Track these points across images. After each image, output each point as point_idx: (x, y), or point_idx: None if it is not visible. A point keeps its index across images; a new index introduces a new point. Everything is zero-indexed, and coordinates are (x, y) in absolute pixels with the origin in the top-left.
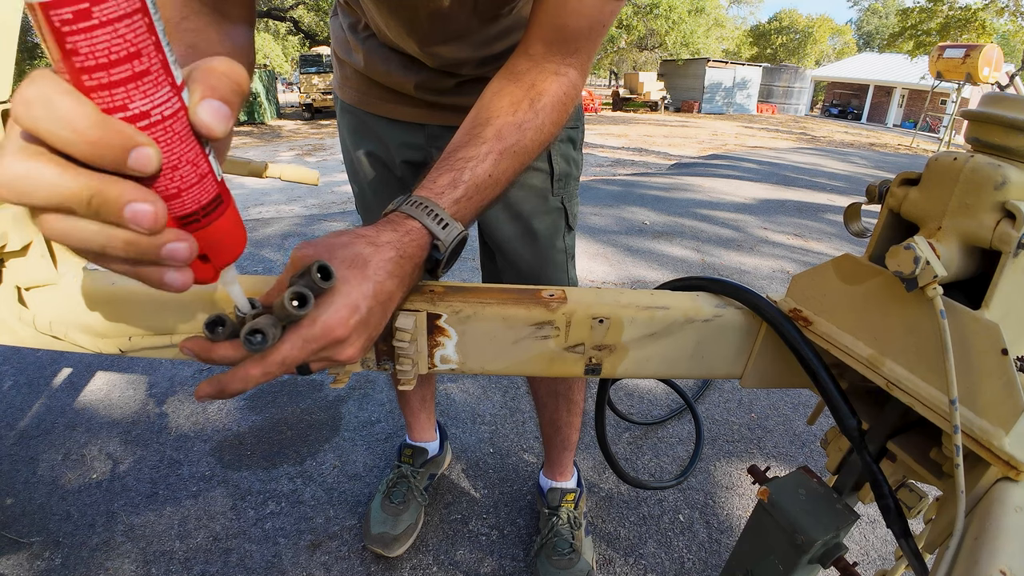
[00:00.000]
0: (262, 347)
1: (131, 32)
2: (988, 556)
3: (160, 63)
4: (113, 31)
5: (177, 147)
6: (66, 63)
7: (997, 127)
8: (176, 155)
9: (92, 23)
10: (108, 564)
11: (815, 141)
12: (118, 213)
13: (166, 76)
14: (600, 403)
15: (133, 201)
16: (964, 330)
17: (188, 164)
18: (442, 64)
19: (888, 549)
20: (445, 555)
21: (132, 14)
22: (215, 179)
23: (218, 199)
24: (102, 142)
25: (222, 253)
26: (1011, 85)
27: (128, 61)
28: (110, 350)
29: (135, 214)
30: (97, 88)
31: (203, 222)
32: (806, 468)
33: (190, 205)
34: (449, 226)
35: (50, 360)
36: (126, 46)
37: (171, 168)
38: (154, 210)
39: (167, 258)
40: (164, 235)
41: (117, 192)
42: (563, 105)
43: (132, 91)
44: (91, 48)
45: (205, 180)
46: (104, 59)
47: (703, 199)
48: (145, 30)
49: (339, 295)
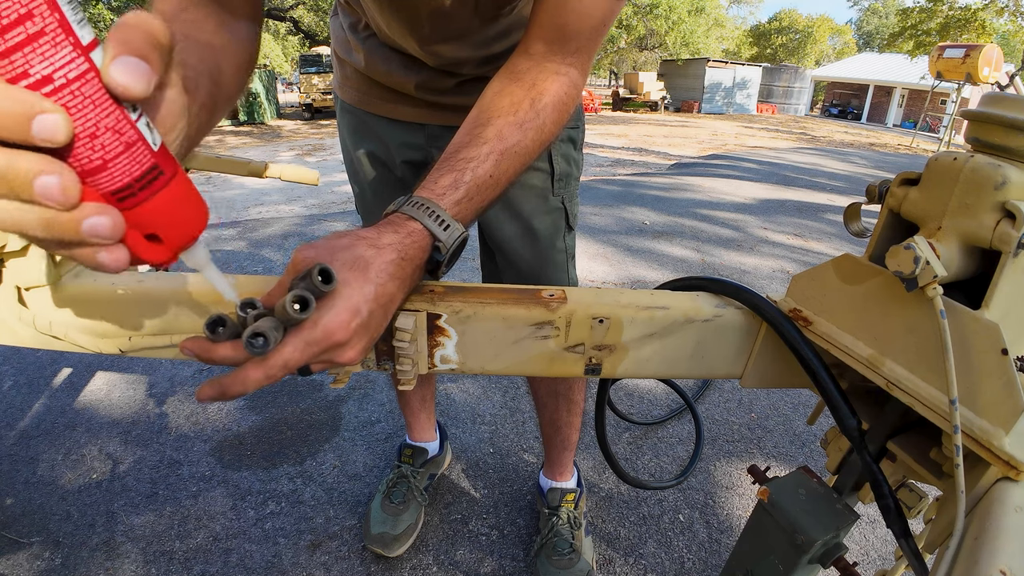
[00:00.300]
0: (264, 350)
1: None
2: (988, 556)
3: (57, 21)
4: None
5: (91, 112)
6: None
7: (997, 127)
8: (92, 122)
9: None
10: (108, 564)
11: (815, 141)
12: (28, 187)
13: (65, 35)
14: (600, 403)
15: (42, 173)
16: (964, 330)
17: (108, 131)
18: (442, 64)
19: (888, 549)
20: (445, 555)
21: None
22: (148, 148)
23: (155, 170)
24: (2, 111)
25: (175, 231)
26: (1011, 85)
27: (20, 23)
28: (110, 350)
29: (44, 187)
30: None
31: (140, 196)
32: (806, 468)
33: (120, 177)
34: (450, 227)
35: (50, 360)
36: (15, 7)
37: (88, 136)
38: (61, 181)
39: (89, 235)
40: (82, 210)
41: (26, 166)
42: (564, 105)
43: (29, 55)
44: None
45: (135, 149)
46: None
47: (703, 199)
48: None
49: (340, 298)
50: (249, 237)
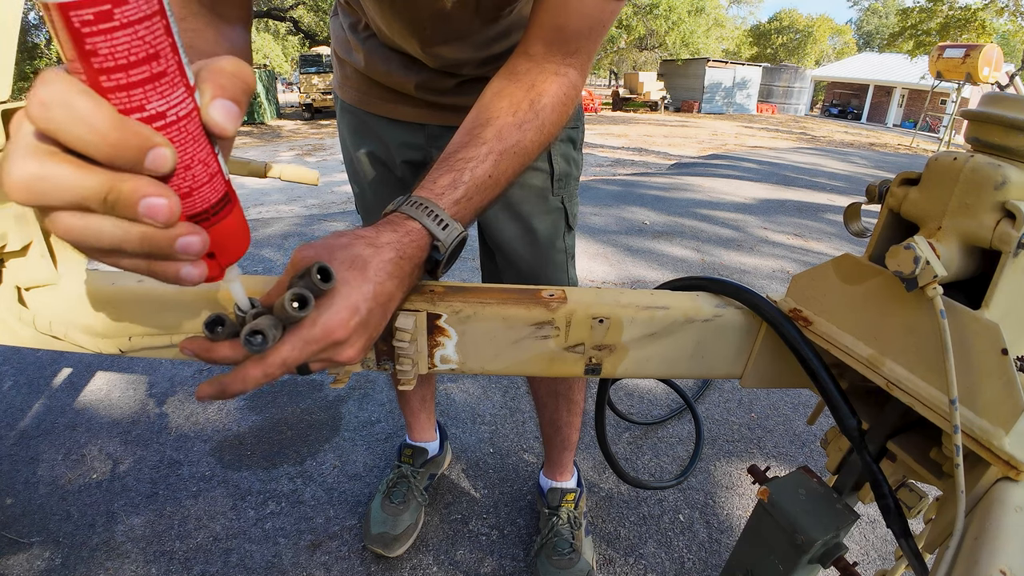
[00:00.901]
0: (262, 348)
1: (150, 34)
2: (988, 556)
3: (176, 64)
4: (133, 33)
5: (190, 147)
6: (84, 64)
7: (997, 127)
8: (189, 155)
9: (113, 24)
10: (108, 564)
11: (815, 141)
12: (133, 207)
13: (181, 77)
14: (600, 403)
15: (148, 196)
16: (964, 330)
17: (200, 163)
18: (443, 64)
19: (888, 549)
20: (445, 555)
21: (151, 16)
22: (224, 178)
23: (226, 198)
24: (121, 143)
25: (228, 251)
26: (1011, 85)
27: (147, 63)
28: (110, 350)
29: (150, 208)
30: (115, 89)
31: (212, 220)
32: (806, 468)
33: (200, 204)
34: (449, 227)
35: (50, 360)
36: (145, 48)
37: (184, 168)
38: (168, 203)
39: (181, 251)
40: (177, 229)
41: (132, 187)
42: (563, 105)
43: (149, 92)
44: (111, 50)
45: (215, 179)
46: (123, 60)
47: (703, 199)
48: (163, 32)
49: (339, 296)
50: None
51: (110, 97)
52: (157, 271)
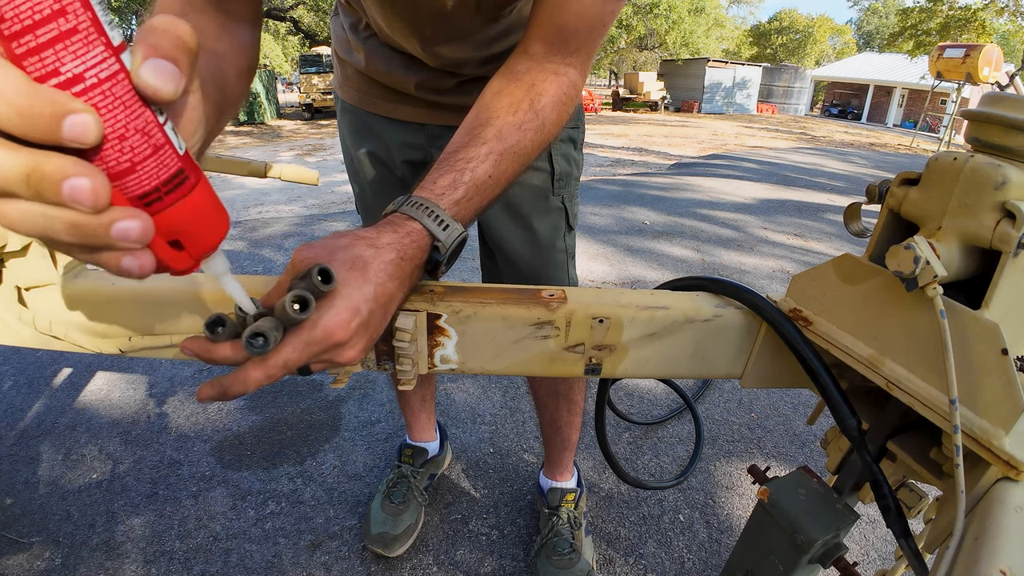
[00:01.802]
0: (264, 350)
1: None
2: (988, 556)
3: (89, 20)
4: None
5: (121, 114)
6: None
7: (997, 127)
8: (121, 123)
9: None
10: (108, 564)
11: (815, 141)
12: (56, 190)
13: (98, 35)
14: (600, 403)
15: (71, 176)
16: (964, 330)
17: (137, 133)
18: (443, 64)
19: (888, 549)
20: (445, 555)
21: None
22: (175, 152)
23: (181, 175)
24: (32, 111)
25: (197, 238)
26: (1011, 85)
27: (53, 19)
28: (110, 350)
29: (73, 190)
30: (24, 55)
31: (167, 200)
32: (806, 468)
33: (148, 181)
34: (449, 227)
35: (50, 360)
36: (48, 2)
37: (117, 138)
38: (92, 184)
39: (118, 239)
40: (111, 213)
41: (54, 167)
42: (563, 105)
43: (61, 52)
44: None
45: (162, 152)
46: (28, 20)
47: (703, 199)
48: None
49: (340, 298)
50: (249, 237)
51: (23, 64)
52: (100, 261)
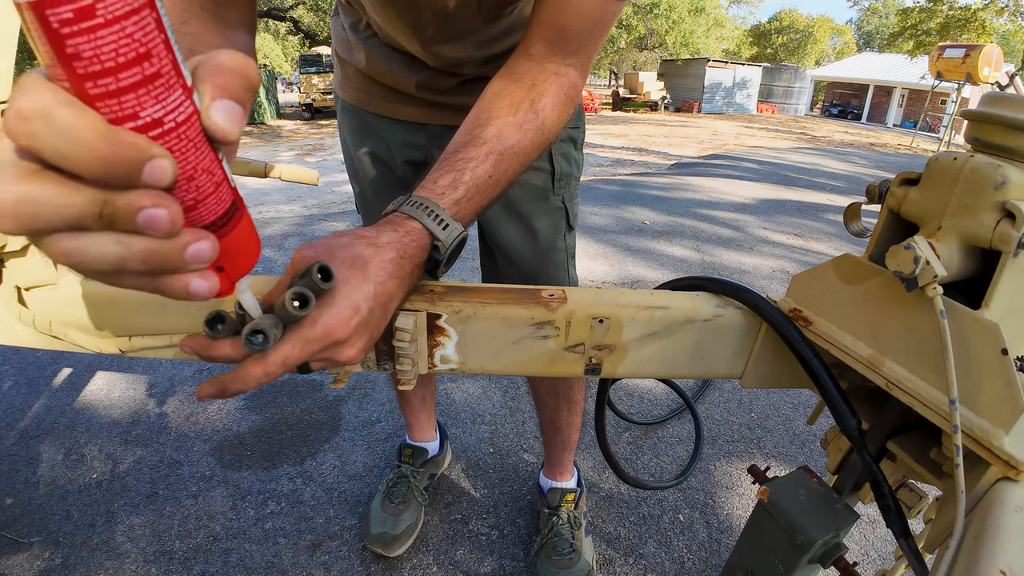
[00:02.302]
0: (263, 348)
1: (139, 31)
2: (988, 556)
3: (171, 63)
4: (120, 30)
5: (192, 155)
6: (66, 69)
7: (997, 127)
8: (191, 164)
9: (96, 22)
10: (108, 564)
11: (815, 141)
12: (131, 220)
13: (178, 78)
14: (600, 403)
15: (146, 207)
16: (964, 330)
17: (204, 173)
18: (444, 64)
19: (888, 549)
20: (445, 555)
21: (140, 9)
22: (230, 186)
23: (234, 207)
24: (113, 157)
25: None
26: (1011, 85)
27: (137, 64)
28: (110, 350)
29: (150, 218)
30: (103, 96)
31: (221, 232)
32: (806, 468)
33: (207, 216)
34: (449, 227)
35: (50, 360)
36: (135, 47)
37: (187, 179)
38: (169, 212)
39: (192, 260)
40: (183, 237)
41: (127, 200)
42: (564, 106)
43: (143, 97)
44: (95, 51)
45: (221, 188)
46: (111, 63)
47: (703, 199)
48: (154, 27)
49: (340, 296)
50: None
51: (98, 105)
52: (165, 287)
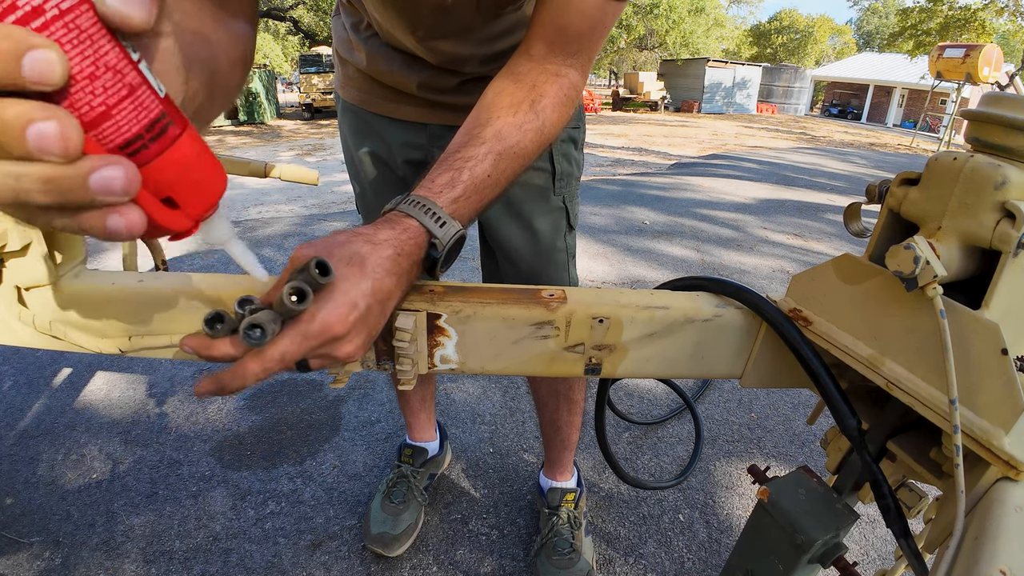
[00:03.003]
0: (260, 342)
1: None
2: (988, 556)
3: None
4: None
5: (88, 49)
6: None
7: (997, 127)
8: (89, 60)
9: None
10: (108, 564)
11: (815, 141)
12: (21, 139)
13: None
14: (600, 403)
15: (36, 120)
16: (964, 330)
17: (108, 71)
18: (444, 61)
19: (888, 549)
20: (445, 555)
21: None
22: (154, 93)
23: (164, 119)
24: None
25: (192, 195)
26: (1011, 85)
27: None
28: (110, 350)
29: (41, 137)
30: None
31: (152, 148)
32: (806, 468)
33: (127, 127)
34: (447, 224)
35: (50, 360)
36: None
37: (86, 78)
38: (60, 127)
39: (100, 191)
40: (88, 162)
41: (15, 112)
42: (564, 106)
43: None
44: None
45: (139, 93)
46: None
47: (703, 199)
48: None
49: (338, 292)
50: (249, 237)
51: None
52: (84, 225)
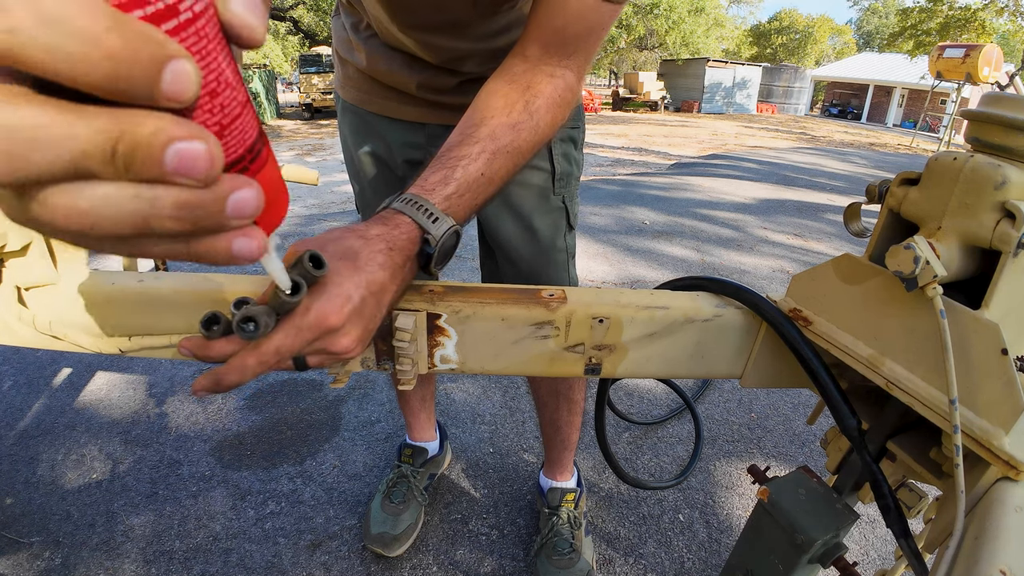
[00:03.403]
0: (254, 335)
1: None
2: (988, 556)
3: None
4: None
5: (213, 61)
6: None
7: (997, 127)
8: (214, 75)
9: None
10: (108, 564)
11: (815, 141)
12: (158, 159)
13: None
14: (600, 403)
15: (178, 139)
16: (964, 330)
17: (227, 88)
18: (444, 60)
19: (888, 549)
20: (445, 555)
21: None
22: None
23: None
24: (125, 55)
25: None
26: (1011, 85)
27: None
28: (110, 350)
29: (183, 158)
30: None
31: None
32: (806, 468)
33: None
34: (439, 220)
35: (50, 360)
36: None
37: (210, 94)
38: (207, 148)
39: (235, 215)
40: (224, 183)
41: (151, 128)
42: (559, 107)
43: None
44: None
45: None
46: None
47: (703, 199)
48: None
49: (331, 284)
50: None
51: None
52: (201, 253)
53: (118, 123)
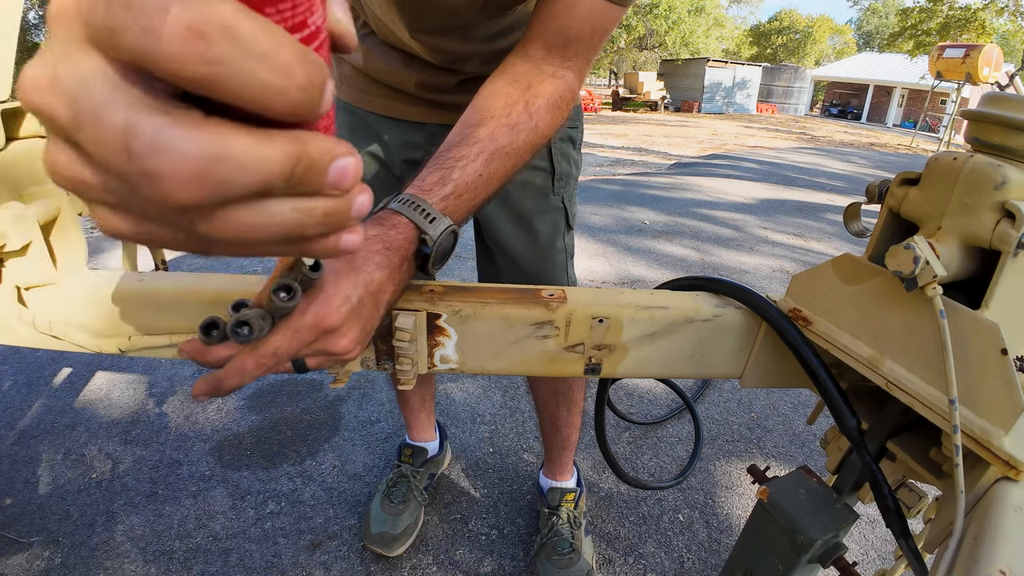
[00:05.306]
0: (248, 339)
1: None
2: (988, 556)
3: None
4: None
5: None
6: None
7: (997, 127)
8: None
9: None
10: (108, 564)
11: (815, 141)
12: (323, 176)
13: None
14: (600, 403)
15: (338, 156)
16: (964, 330)
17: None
18: (446, 60)
19: (888, 549)
20: (445, 555)
21: None
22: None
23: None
24: (311, 85)
25: None
26: (1011, 85)
27: None
28: (110, 350)
29: (341, 172)
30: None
31: None
32: (806, 468)
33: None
34: (436, 220)
35: (50, 360)
36: None
37: None
38: (355, 161)
39: (356, 216)
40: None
41: (320, 150)
42: (558, 108)
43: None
44: None
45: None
46: None
47: (703, 199)
48: None
49: (328, 285)
50: None
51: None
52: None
53: (298, 145)
